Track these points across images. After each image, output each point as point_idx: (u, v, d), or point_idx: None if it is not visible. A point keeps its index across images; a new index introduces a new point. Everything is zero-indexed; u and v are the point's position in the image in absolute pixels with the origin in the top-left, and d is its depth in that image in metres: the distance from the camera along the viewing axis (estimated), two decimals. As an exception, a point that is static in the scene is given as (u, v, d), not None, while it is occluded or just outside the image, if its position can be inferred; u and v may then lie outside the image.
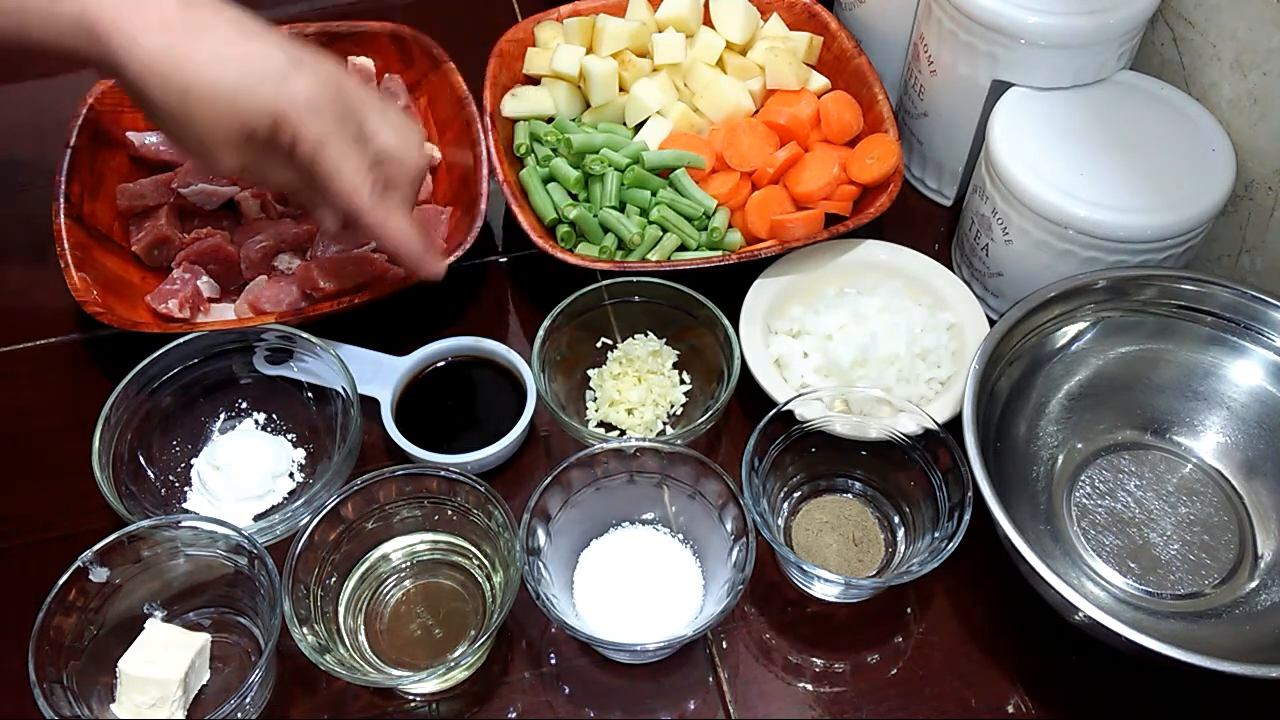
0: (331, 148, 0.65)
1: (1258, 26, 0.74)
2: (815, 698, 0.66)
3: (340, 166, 0.66)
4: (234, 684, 0.64)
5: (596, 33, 0.88)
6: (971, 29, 0.78)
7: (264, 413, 0.76)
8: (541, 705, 0.65)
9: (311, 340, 0.72)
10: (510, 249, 0.88)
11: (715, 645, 0.68)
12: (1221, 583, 0.69)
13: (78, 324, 0.81)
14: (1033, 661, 0.67)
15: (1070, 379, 0.75)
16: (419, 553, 0.69)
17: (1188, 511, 0.72)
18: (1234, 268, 0.81)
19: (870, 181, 0.82)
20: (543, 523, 0.65)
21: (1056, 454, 0.74)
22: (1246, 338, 0.73)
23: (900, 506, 0.71)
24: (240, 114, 0.63)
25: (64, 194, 0.79)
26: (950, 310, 0.78)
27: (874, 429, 0.70)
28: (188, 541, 0.64)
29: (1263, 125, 0.75)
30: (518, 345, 0.77)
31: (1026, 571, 0.62)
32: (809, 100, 0.87)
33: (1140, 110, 0.78)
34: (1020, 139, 0.76)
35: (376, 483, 0.65)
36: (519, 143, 0.87)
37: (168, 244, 0.82)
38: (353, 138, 0.66)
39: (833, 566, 0.69)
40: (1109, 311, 0.74)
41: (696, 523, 0.68)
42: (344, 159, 0.66)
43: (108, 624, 0.63)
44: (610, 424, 0.76)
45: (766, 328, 0.77)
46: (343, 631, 0.65)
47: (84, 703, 0.60)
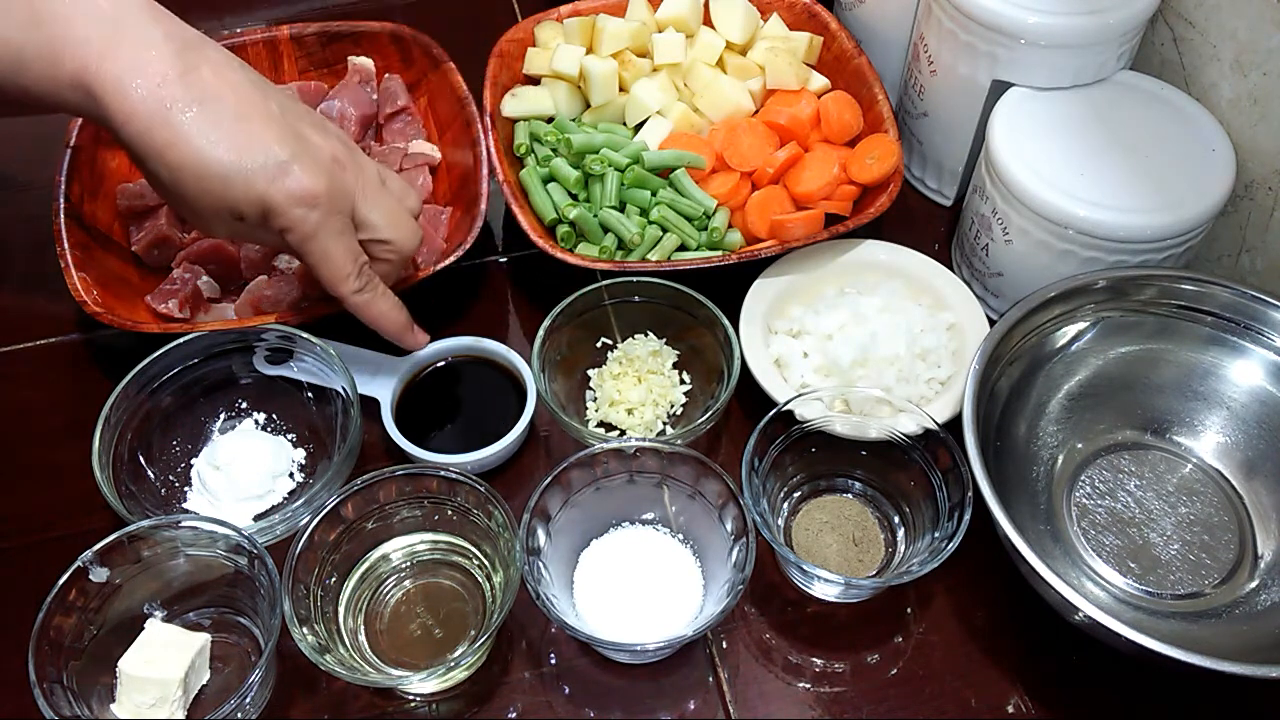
0: (319, 241, 0.66)
1: (1258, 26, 0.74)
2: (815, 698, 0.66)
3: (328, 257, 0.66)
4: (234, 684, 0.64)
5: (596, 33, 0.88)
6: (971, 29, 0.78)
7: (264, 413, 0.76)
8: (541, 705, 0.65)
9: (311, 340, 0.72)
10: (510, 249, 0.88)
11: (715, 645, 0.68)
12: (1221, 583, 0.69)
13: (78, 324, 0.81)
14: (1033, 661, 0.67)
15: (1070, 379, 0.75)
16: (419, 553, 0.69)
17: (1188, 511, 0.72)
18: (1234, 268, 0.81)
19: (870, 181, 0.82)
20: (543, 523, 0.65)
21: (1056, 454, 0.74)
22: (1246, 338, 0.73)
23: (900, 506, 0.71)
24: (230, 200, 0.63)
25: (64, 194, 0.79)
26: (950, 310, 0.78)
27: (874, 429, 0.70)
28: (188, 541, 0.64)
29: (1263, 125, 0.75)
30: (518, 345, 0.77)
31: (1026, 571, 0.62)
32: (809, 100, 0.87)
33: (1140, 110, 0.78)
34: (1020, 139, 0.76)
35: (376, 483, 0.65)
36: (519, 143, 0.87)
37: (168, 244, 0.82)
38: (342, 228, 0.66)
39: (833, 566, 0.69)
40: (1109, 311, 0.74)
41: (696, 523, 0.68)
42: (331, 250, 0.66)
43: (108, 624, 0.63)
44: (610, 424, 0.76)
45: (766, 328, 0.77)
46: (343, 631, 0.65)
47: (84, 703, 0.60)
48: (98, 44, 0.61)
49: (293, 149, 0.64)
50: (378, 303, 0.70)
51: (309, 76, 0.93)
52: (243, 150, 0.62)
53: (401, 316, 0.72)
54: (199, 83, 0.62)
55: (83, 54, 0.61)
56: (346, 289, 0.68)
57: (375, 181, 0.68)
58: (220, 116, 0.62)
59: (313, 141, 0.65)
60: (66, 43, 0.61)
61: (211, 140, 0.62)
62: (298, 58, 0.93)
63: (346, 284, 0.68)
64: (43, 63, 0.61)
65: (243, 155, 0.62)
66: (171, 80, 0.61)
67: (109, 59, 0.61)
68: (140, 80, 0.61)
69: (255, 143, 0.63)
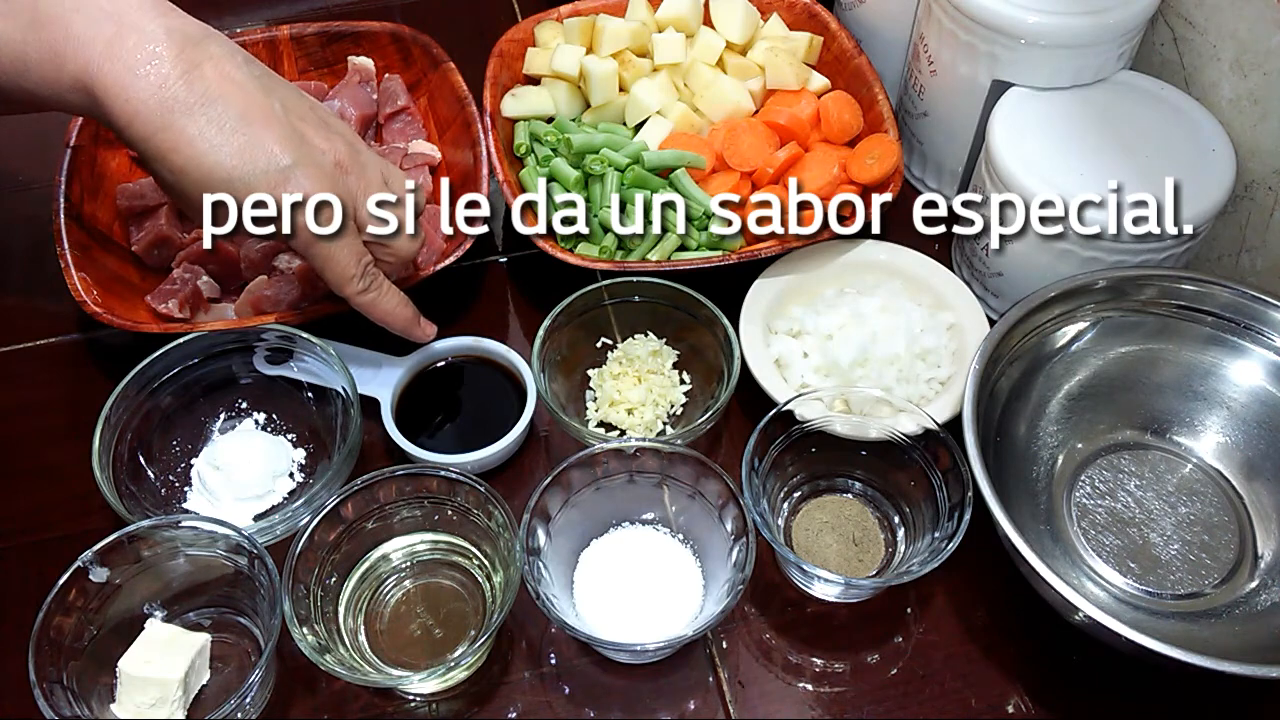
0: (322, 245, 0.65)
1: (1258, 26, 0.74)
2: (815, 698, 0.66)
3: (332, 259, 0.66)
4: (234, 684, 0.64)
5: (596, 33, 0.88)
6: (971, 29, 0.78)
7: (264, 413, 0.76)
8: (541, 705, 0.65)
9: (311, 340, 0.72)
10: (510, 249, 0.88)
11: (715, 645, 0.68)
12: (1221, 583, 0.69)
13: (78, 324, 0.81)
14: (1033, 661, 0.67)
15: (1070, 379, 0.75)
16: (419, 553, 0.69)
17: (1188, 511, 0.72)
18: (1234, 268, 0.81)
19: (870, 181, 0.82)
20: (543, 523, 0.65)
21: (1056, 454, 0.74)
22: (1246, 338, 0.73)
23: (900, 506, 0.71)
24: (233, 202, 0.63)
25: (64, 194, 0.79)
26: (950, 310, 0.78)
27: (874, 429, 0.70)
28: (188, 541, 0.64)
29: (1263, 125, 0.75)
30: (518, 345, 0.77)
31: (1026, 571, 0.62)
32: (809, 100, 0.87)
33: (1140, 110, 0.78)
34: (1020, 139, 0.76)
35: (376, 483, 0.65)
36: (519, 143, 0.87)
37: (168, 244, 0.82)
38: (345, 231, 0.66)
39: (833, 566, 0.69)
40: (1109, 311, 0.74)
41: (696, 523, 0.68)
42: (335, 253, 0.66)
43: (108, 624, 0.63)
44: (610, 424, 0.76)
45: (766, 328, 0.77)
46: (343, 631, 0.65)
47: (84, 703, 0.60)
48: (99, 44, 0.60)
49: (295, 154, 0.63)
50: (383, 300, 0.70)
51: (309, 76, 0.93)
52: (245, 155, 0.62)
53: (408, 311, 0.72)
54: (201, 82, 0.62)
55: (85, 55, 0.61)
56: (352, 289, 0.68)
57: (378, 182, 0.68)
58: (223, 119, 0.62)
59: (315, 145, 0.65)
60: (68, 43, 0.61)
61: (214, 144, 0.62)
62: (298, 58, 0.93)
63: (352, 285, 0.68)
64: (46, 65, 0.61)
65: (245, 160, 0.62)
66: (173, 81, 0.61)
67: (111, 59, 0.60)
68: (142, 82, 0.61)
69: (258, 147, 0.62)
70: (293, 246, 0.66)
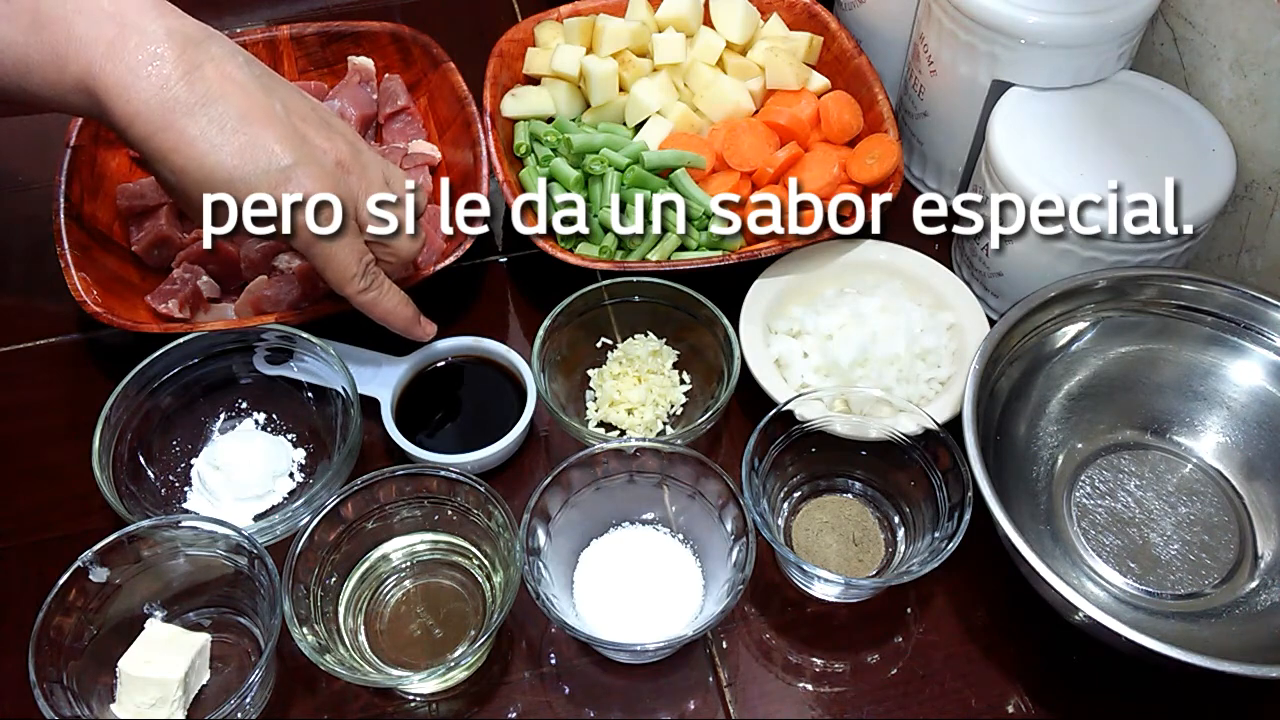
0: (323, 245, 0.66)
1: (1258, 26, 0.74)
2: (815, 698, 0.66)
3: (333, 259, 0.66)
4: (234, 684, 0.64)
5: (596, 33, 0.88)
6: (971, 29, 0.78)
7: (264, 413, 0.76)
8: (541, 705, 0.65)
9: (311, 340, 0.72)
10: (510, 249, 0.88)
11: (715, 645, 0.68)
12: (1221, 583, 0.69)
13: (78, 324, 0.81)
14: (1033, 661, 0.67)
15: (1070, 379, 0.75)
16: (419, 553, 0.69)
17: (1188, 511, 0.72)
18: (1234, 268, 0.81)
19: (870, 181, 0.82)
20: (543, 523, 0.65)
21: (1056, 454, 0.74)
22: (1246, 338, 0.73)
23: (900, 506, 0.71)
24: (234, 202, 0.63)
25: (64, 194, 0.79)
26: (950, 310, 0.78)
27: (874, 429, 0.70)
28: (188, 541, 0.64)
29: (1263, 125, 0.75)
30: (518, 345, 0.77)
31: (1026, 571, 0.62)
32: (809, 100, 0.87)
33: (1140, 110, 0.78)
34: (1020, 139, 0.76)
35: (376, 483, 0.65)
36: (519, 143, 0.87)
37: (168, 244, 0.82)
38: (346, 231, 0.66)
39: (833, 566, 0.69)
40: (1109, 311, 0.74)
41: (696, 523, 0.68)
42: (336, 253, 0.66)
43: (108, 624, 0.63)
44: (610, 424, 0.76)
45: (766, 328, 0.77)
46: (343, 631, 0.65)
47: (84, 703, 0.60)
48: (101, 45, 0.61)
49: (296, 154, 0.63)
50: (384, 300, 0.70)
51: (309, 76, 0.93)
52: (246, 156, 0.62)
53: (409, 310, 0.72)
54: (202, 83, 0.62)
55: (87, 56, 0.61)
56: (352, 289, 0.68)
57: (379, 182, 0.68)
58: (224, 120, 0.62)
59: (316, 145, 0.65)
60: (70, 44, 0.61)
61: (215, 145, 0.62)
62: (298, 58, 0.93)
63: (353, 284, 0.68)
64: (48, 66, 0.61)
65: (246, 161, 0.62)
66: (175, 82, 0.61)
67: (112, 60, 0.61)
68: (144, 83, 0.61)
69: (258, 148, 0.62)
70: (293, 246, 0.66)
